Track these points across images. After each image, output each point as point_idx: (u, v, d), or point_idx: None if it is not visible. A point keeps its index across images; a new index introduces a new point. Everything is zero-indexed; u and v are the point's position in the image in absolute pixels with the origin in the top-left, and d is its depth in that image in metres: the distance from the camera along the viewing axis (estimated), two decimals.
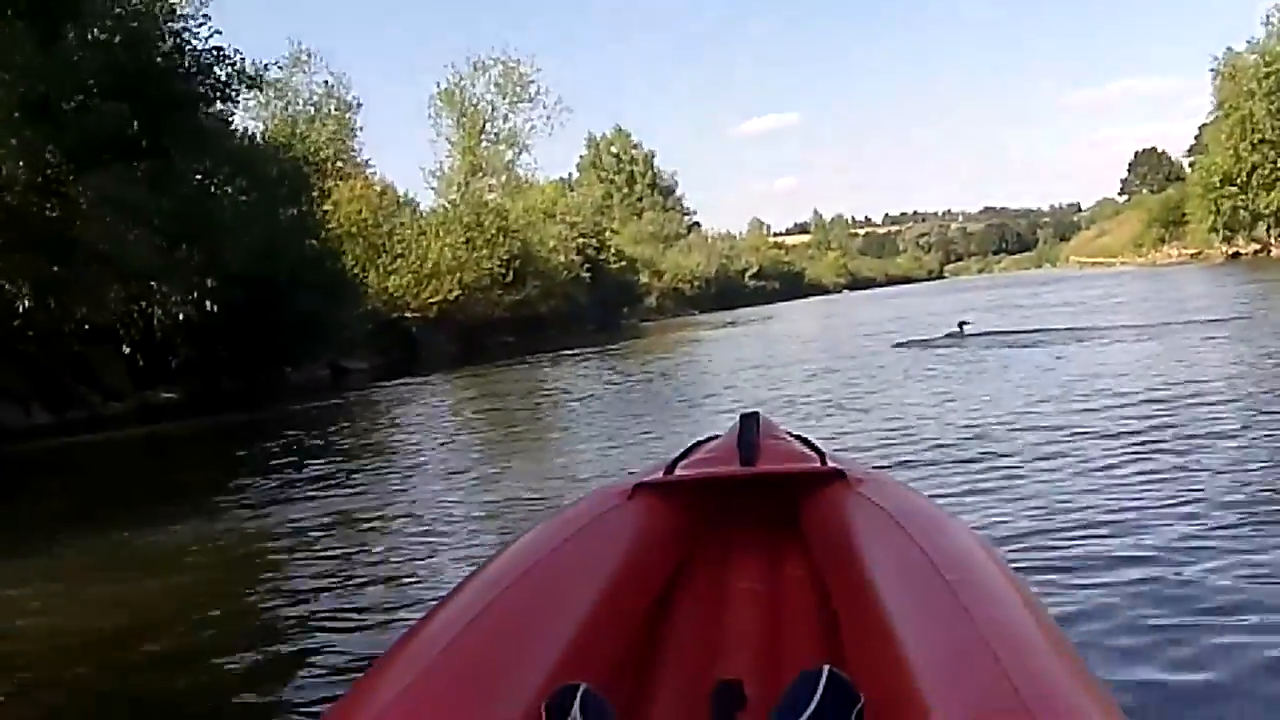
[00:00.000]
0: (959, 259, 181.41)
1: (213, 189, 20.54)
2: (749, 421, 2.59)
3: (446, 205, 38.98)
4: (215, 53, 20.85)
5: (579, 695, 1.30)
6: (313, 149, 30.58)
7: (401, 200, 40.38)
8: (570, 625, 1.66)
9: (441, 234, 34.64)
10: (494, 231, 37.07)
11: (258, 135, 24.83)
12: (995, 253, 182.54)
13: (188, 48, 20.21)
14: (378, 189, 35.46)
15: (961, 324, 16.84)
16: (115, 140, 17.33)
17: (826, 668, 1.30)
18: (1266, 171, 55.18)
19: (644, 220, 79.46)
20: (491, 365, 25.27)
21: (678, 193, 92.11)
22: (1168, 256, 67.79)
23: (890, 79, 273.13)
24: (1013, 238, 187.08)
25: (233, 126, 23.74)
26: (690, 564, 2.29)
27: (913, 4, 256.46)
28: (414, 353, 31.60)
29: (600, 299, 48.77)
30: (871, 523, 1.97)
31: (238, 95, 21.89)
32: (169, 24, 19.85)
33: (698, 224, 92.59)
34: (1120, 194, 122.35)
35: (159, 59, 19.44)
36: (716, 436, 2.75)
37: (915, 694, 1.24)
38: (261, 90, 21.68)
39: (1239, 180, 56.12)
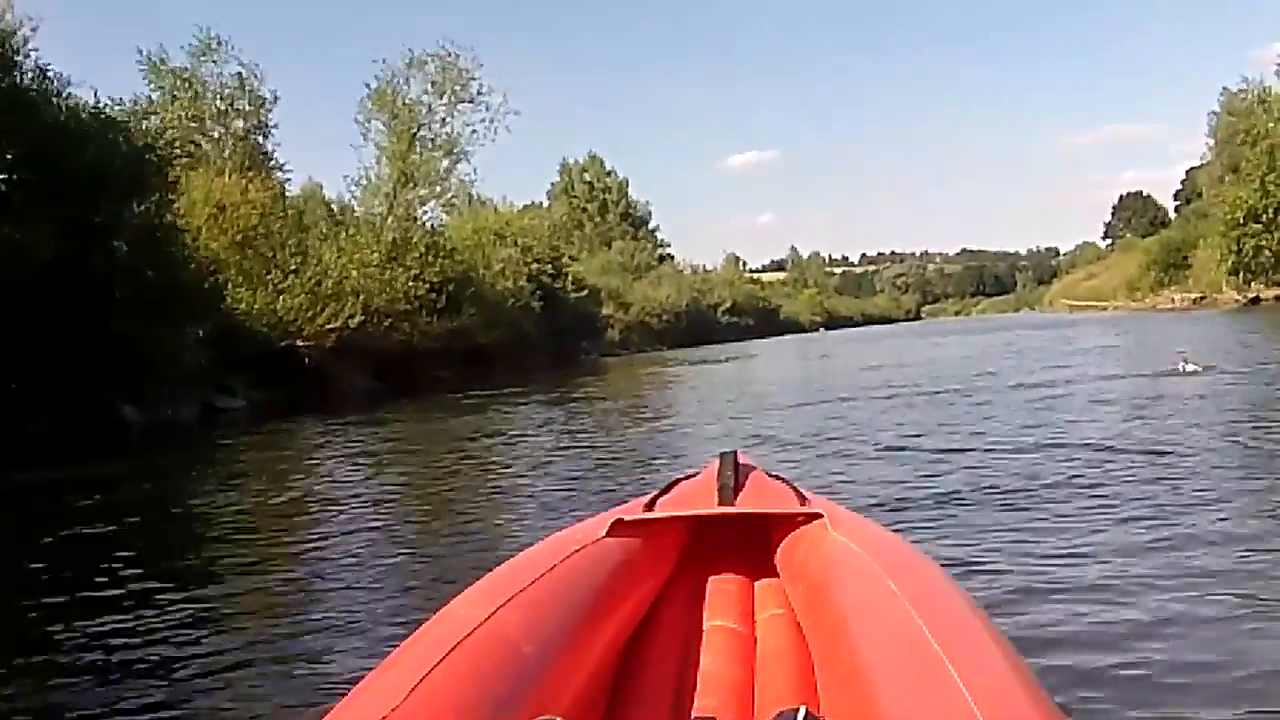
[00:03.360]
0: (935, 300, 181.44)
1: None
2: (728, 460, 2.51)
3: (369, 218, 33.44)
4: None
5: None
6: (158, 133, 24.92)
7: (335, 211, 35.48)
8: (544, 660, 1.61)
9: (348, 249, 29.10)
10: (423, 249, 31.67)
11: (83, 113, 18.82)
12: (973, 294, 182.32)
13: None
14: (277, 192, 29.89)
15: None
16: None
17: (802, 709, 1.30)
18: None
19: (613, 250, 74.91)
20: (411, 404, 22.45)
21: (651, 224, 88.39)
22: (1169, 301, 63.63)
23: (871, 119, 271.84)
24: (990, 280, 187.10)
25: (57, 98, 18.12)
26: (666, 601, 2.28)
27: (897, 46, 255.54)
28: (319, 388, 26.40)
29: (555, 330, 43.73)
30: (849, 565, 1.93)
31: None
32: None
33: (670, 256, 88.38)
34: (1104, 238, 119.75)
35: None
36: (695, 474, 2.65)
37: None
38: None
39: (1264, 217, 50.51)
